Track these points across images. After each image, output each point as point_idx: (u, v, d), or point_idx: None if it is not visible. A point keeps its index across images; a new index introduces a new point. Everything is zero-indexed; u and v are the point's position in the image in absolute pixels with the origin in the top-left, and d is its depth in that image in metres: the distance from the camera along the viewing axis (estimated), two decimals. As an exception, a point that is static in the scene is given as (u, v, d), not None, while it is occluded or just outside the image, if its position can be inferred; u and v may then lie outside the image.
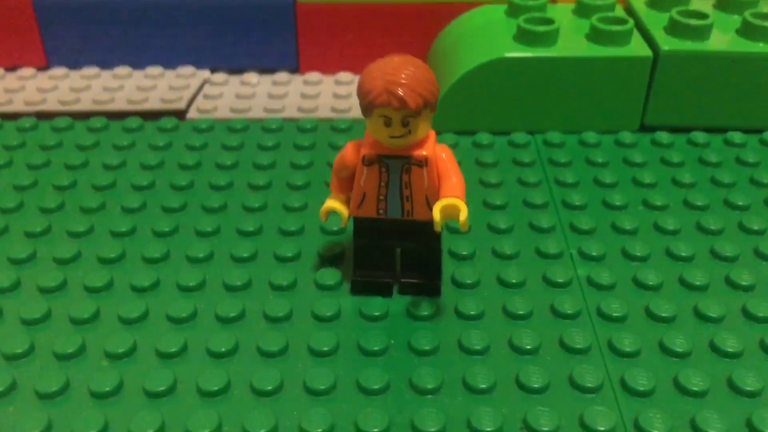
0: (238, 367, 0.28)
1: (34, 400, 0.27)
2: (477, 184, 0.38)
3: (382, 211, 0.29)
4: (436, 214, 0.26)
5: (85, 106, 0.45)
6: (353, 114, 0.45)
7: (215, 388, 0.27)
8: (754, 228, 0.34)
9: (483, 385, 0.27)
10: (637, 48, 0.40)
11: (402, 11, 0.48)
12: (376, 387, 0.27)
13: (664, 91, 0.41)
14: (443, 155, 0.28)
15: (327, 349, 0.28)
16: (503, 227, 0.34)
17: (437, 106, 0.27)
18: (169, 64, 0.50)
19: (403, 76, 0.25)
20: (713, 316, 0.30)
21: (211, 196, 0.37)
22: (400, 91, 0.25)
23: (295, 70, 0.50)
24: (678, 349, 0.28)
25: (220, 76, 0.49)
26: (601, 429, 0.25)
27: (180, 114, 0.45)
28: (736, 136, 0.41)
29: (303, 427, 0.25)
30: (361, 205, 0.29)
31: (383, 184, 0.28)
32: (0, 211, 0.36)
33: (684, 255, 0.33)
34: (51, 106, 0.45)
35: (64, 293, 0.31)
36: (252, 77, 0.49)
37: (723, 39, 0.41)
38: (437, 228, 0.27)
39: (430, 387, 0.27)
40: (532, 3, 0.43)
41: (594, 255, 0.33)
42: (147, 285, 0.31)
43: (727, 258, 0.33)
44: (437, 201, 0.27)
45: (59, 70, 0.49)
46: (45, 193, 0.37)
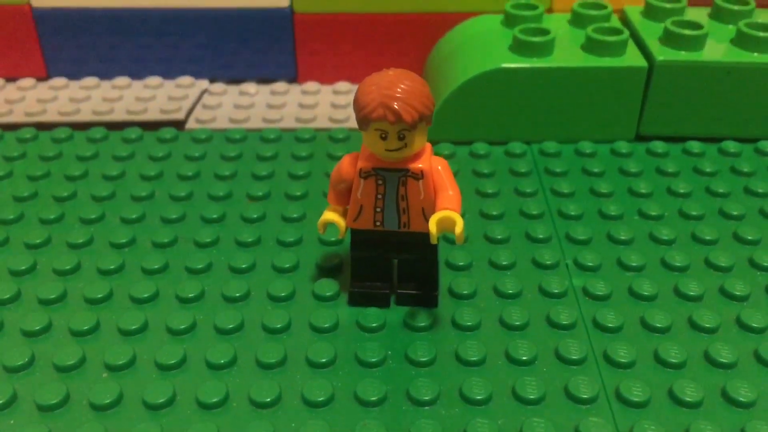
0: (236, 378, 0.28)
1: (35, 413, 0.27)
2: (474, 194, 0.38)
3: (379, 223, 0.29)
4: (432, 227, 0.27)
5: (84, 116, 0.46)
6: (351, 124, 0.45)
7: (214, 400, 0.27)
8: (749, 238, 0.35)
9: (479, 397, 0.27)
10: (632, 58, 0.41)
11: (399, 21, 0.48)
12: (374, 398, 0.27)
13: (659, 100, 0.41)
14: (439, 168, 0.28)
15: (325, 360, 0.28)
16: (500, 237, 0.35)
17: (434, 116, 0.27)
18: (168, 74, 0.50)
19: (398, 90, 0.26)
20: (708, 326, 0.30)
21: (210, 206, 0.37)
22: (395, 105, 0.26)
23: (293, 79, 0.50)
24: (673, 360, 0.28)
25: (219, 86, 0.49)
26: (596, 440, 0.25)
27: (179, 124, 0.45)
28: (731, 146, 0.41)
29: (301, 439, 0.25)
30: (358, 217, 0.29)
31: (380, 196, 0.28)
32: (0, 223, 0.36)
33: (679, 265, 0.33)
34: (51, 117, 0.46)
35: (64, 305, 0.31)
36: (250, 87, 0.49)
37: (718, 49, 0.41)
38: (433, 241, 0.27)
39: (427, 398, 0.27)
40: (528, 13, 0.44)
41: (590, 265, 0.33)
42: (146, 296, 0.31)
43: (721, 268, 0.33)
44: (433, 213, 0.27)
45: (59, 81, 0.49)
46: (45, 204, 0.37)
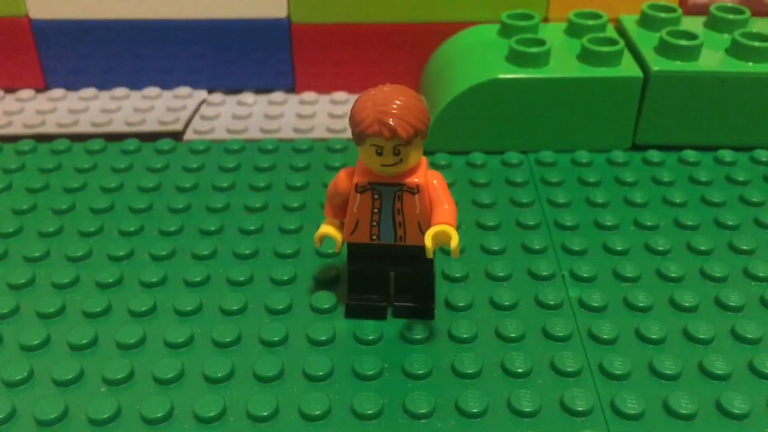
0: (234, 392, 0.28)
1: (34, 427, 0.27)
2: (470, 205, 0.38)
3: (375, 237, 0.29)
4: (428, 242, 0.27)
5: (83, 128, 0.46)
6: (349, 134, 0.45)
7: (212, 414, 0.27)
8: (744, 248, 0.35)
9: (475, 410, 0.27)
10: (627, 68, 0.41)
11: (396, 31, 0.48)
12: (370, 412, 0.27)
13: (654, 110, 0.41)
14: (435, 182, 0.28)
15: (322, 373, 0.29)
16: (496, 248, 0.35)
17: (430, 126, 0.27)
18: (167, 84, 0.50)
19: (394, 106, 0.26)
20: (703, 337, 0.30)
21: (208, 218, 0.37)
22: (391, 122, 0.26)
23: (290, 89, 0.51)
24: (667, 372, 0.28)
25: (217, 97, 0.49)
26: (592, 453, 0.26)
27: (177, 135, 0.45)
28: (727, 155, 0.42)
29: (298, 453, 0.26)
30: (355, 230, 0.29)
31: (376, 210, 0.28)
32: (-1, 236, 0.36)
33: (674, 276, 0.33)
34: (50, 129, 0.46)
35: (63, 318, 0.32)
36: (248, 97, 0.49)
37: (713, 59, 0.41)
38: (429, 255, 0.27)
39: (423, 411, 0.27)
40: (524, 23, 0.44)
41: (585, 276, 0.33)
42: (144, 310, 0.32)
43: (716, 279, 0.33)
44: (429, 228, 0.27)
45: (57, 92, 0.50)
46: (44, 217, 0.38)
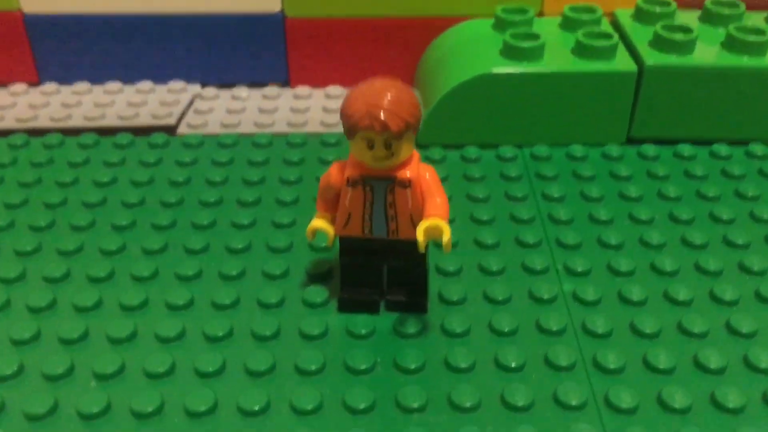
0: (225, 387, 0.28)
1: (23, 422, 0.27)
2: (464, 199, 0.38)
3: (367, 231, 0.29)
4: (420, 236, 0.27)
5: (76, 122, 0.46)
6: (342, 128, 0.45)
7: (203, 409, 0.27)
8: (739, 242, 0.35)
9: (468, 404, 0.27)
10: (622, 62, 0.41)
11: (391, 25, 0.48)
12: (362, 406, 0.27)
13: (649, 104, 0.41)
14: (426, 175, 0.28)
15: (314, 368, 0.28)
16: (490, 243, 0.35)
17: (424, 120, 0.27)
18: (160, 78, 0.50)
19: (385, 100, 0.26)
20: (697, 331, 0.30)
21: (201, 212, 0.37)
22: (382, 115, 0.26)
23: (285, 83, 0.50)
24: (661, 366, 0.28)
25: (211, 91, 0.49)
26: (585, 447, 0.26)
27: (170, 129, 0.45)
28: (722, 149, 0.41)
29: (289, 448, 0.25)
30: (347, 224, 0.29)
31: (368, 204, 0.28)
32: (-10, 230, 0.36)
33: (669, 270, 0.33)
34: (42, 123, 0.45)
35: (54, 312, 0.31)
36: (242, 91, 0.49)
37: (708, 53, 0.41)
38: (421, 249, 0.27)
39: (416, 405, 0.27)
40: (518, 17, 0.44)
41: (579, 270, 0.33)
42: (136, 304, 0.31)
43: (711, 273, 0.33)
44: (421, 221, 0.27)
45: (50, 86, 0.49)
46: (35, 211, 0.37)
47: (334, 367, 0.29)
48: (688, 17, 0.45)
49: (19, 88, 0.49)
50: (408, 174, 0.27)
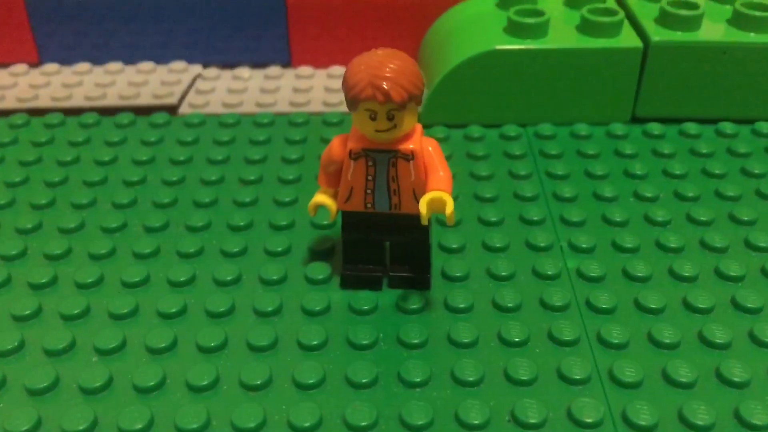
0: (227, 361, 0.28)
1: (24, 396, 0.27)
2: (468, 177, 0.38)
3: (369, 205, 0.29)
4: (423, 208, 0.26)
5: (77, 102, 0.45)
6: (345, 107, 0.44)
7: (204, 383, 0.27)
8: (744, 219, 0.34)
9: (471, 378, 0.27)
10: (627, 39, 0.40)
11: (393, 4, 0.48)
12: (365, 381, 0.27)
13: (655, 82, 0.41)
14: (430, 148, 0.28)
15: (316, 343, 0.28)
16: (493, 220, 0.34)
17: (428, 99, 0.27)
18: (161, 59, 0.50)
19: (387, 69, 0.25)
20: (702, 307, 0.30)
21: (202, 191, 0.37)
22: (384, 85, 0.25)
23: (287, 64, 0.50)
24: (666, 341, 0.28)
25: (212, 71, 0.49)
26: (588, 421, 0.25)
27: (172, 109, 0.45)
28: (728, 127, 0.41)
29: (291, 421, 0.25)
30: (349, 199, 0.29)
31: (370, 178, 0.28)
32: (-9, 208, 0.36)
33: (674, 246, 0.33)
34: (43, 103, 0.45)
35: (55, 289, 0.31)
36: (244, 72, 0.49)
37: (714, 29, 0.41)
38: (424, 222, 0.27)
39: (419, 380, 0.27)
40: (522, -6, 0.43)
41: (584, 247, 0.33)
42: (137, 280, 0.31)
43: (717, 249, 0.33)
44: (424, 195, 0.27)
45: (51, 66, 0.49)
46: (36, 190, 0.37)
47: (337, 343, 0.29)
48: (695, -6, 0.44)
49: (19, 68, 0.49)
50: (411, 146, 0.27)
